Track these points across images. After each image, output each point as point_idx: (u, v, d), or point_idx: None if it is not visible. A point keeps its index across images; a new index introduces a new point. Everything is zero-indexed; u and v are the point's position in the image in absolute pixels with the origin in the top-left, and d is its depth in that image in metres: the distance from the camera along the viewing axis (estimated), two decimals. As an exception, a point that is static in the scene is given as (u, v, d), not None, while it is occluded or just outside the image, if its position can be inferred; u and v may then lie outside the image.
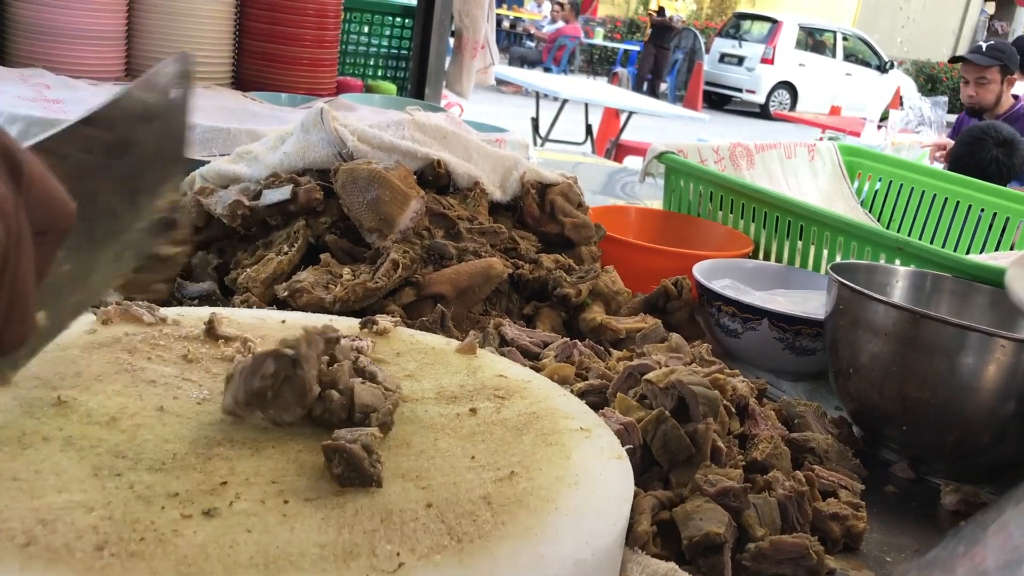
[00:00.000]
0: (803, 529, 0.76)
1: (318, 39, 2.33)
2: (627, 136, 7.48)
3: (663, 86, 16.57)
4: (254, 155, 1.26)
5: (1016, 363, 0.87)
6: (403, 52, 2.80)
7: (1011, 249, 1.56)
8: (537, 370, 0.92)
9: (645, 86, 15.12)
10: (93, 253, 0.61)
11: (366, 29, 2.73)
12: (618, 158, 6.70)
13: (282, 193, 1.09)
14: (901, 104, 6.99)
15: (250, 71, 2.32)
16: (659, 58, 16.00)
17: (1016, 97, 4.42)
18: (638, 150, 6.64)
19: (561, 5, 17.44)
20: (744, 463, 0.80)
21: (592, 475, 0.66)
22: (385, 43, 2.77)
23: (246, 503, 0.56)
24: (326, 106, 1.21)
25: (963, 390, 0.90)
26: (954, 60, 4.70)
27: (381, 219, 1.08)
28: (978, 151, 3.50)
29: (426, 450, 0.67)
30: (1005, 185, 3.42)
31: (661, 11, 16.22)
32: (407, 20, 2.76)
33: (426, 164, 1.20)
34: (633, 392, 0.84)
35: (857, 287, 0.97)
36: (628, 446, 0.74)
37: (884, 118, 6.17)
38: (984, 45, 4.39)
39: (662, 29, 15.97)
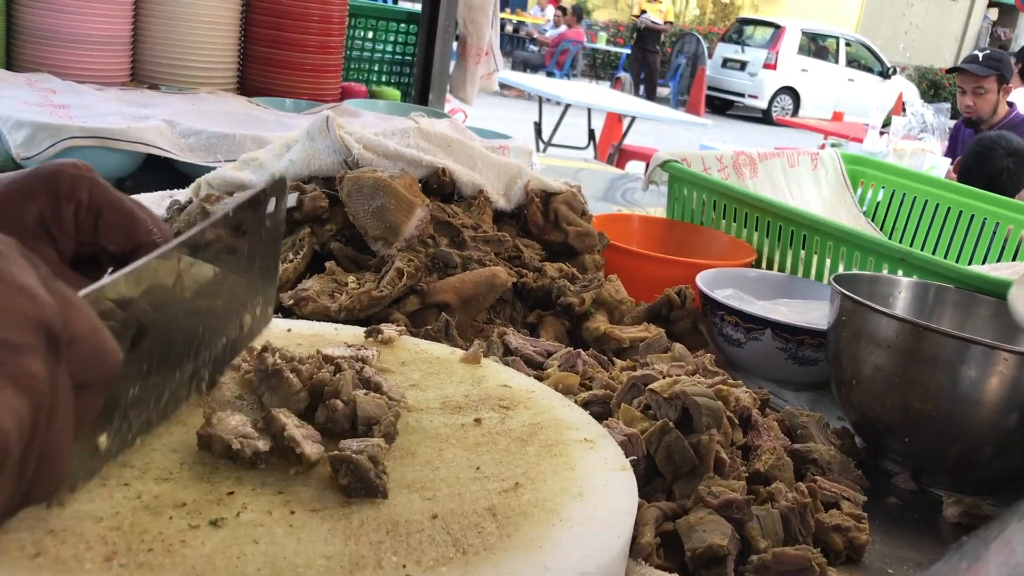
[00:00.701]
0: (806, 541, 0.76)
1: (322, 45, 2.34)
2: (630, 141, 7.49)
3: (666, 91, 16.59)
4: (260, 162, 1.27)
5: (1018, 376, 0.87)
6: (407, 58, 2.80)
7: (1014, 259, 1.56)
8: (541, 379, 0.92)
9: (641, 89, 15.12)
10: (167, 375, 0.61)
11: (370, 35, 2.74)
12: (620, 163, 6.71)
13: (289, 200, 1.09)
14: (904, 110, 7.00)
15: (254, 76, 2.33)
16: (648, 61, 15.98)
17: (1011, 104, 4.43)
18: (640, 155, 6.65)
19: (563, 10, 17.46)
20: (747, 474, 0.80)
21: (596, 487, 0.66)
22: (389, 49, 2.78)
23: (253, 513, 0.56)
24: (331, 114, 1.22)
25: (965, 402, 0.90)
26: (951, 71, 4.71)
27: (386, 227, 1.09)
28: (988, 161, 3.51)
29: (431, 460, 0.67)
30: (1014, 195, 3.43)
31: (642, 14, 16.22)
32: (411, 26, 2.77)
33: (431, 172, 1.20)
34: (637, 402, 0.84)
35: (860, 299, 0.97)
36: (632, 457, 0.74)
37: (887, 124, 6.17)
38: (980, 55, 4.40)
39: (646, 32, 15.96)
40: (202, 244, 0.60)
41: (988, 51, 4.45)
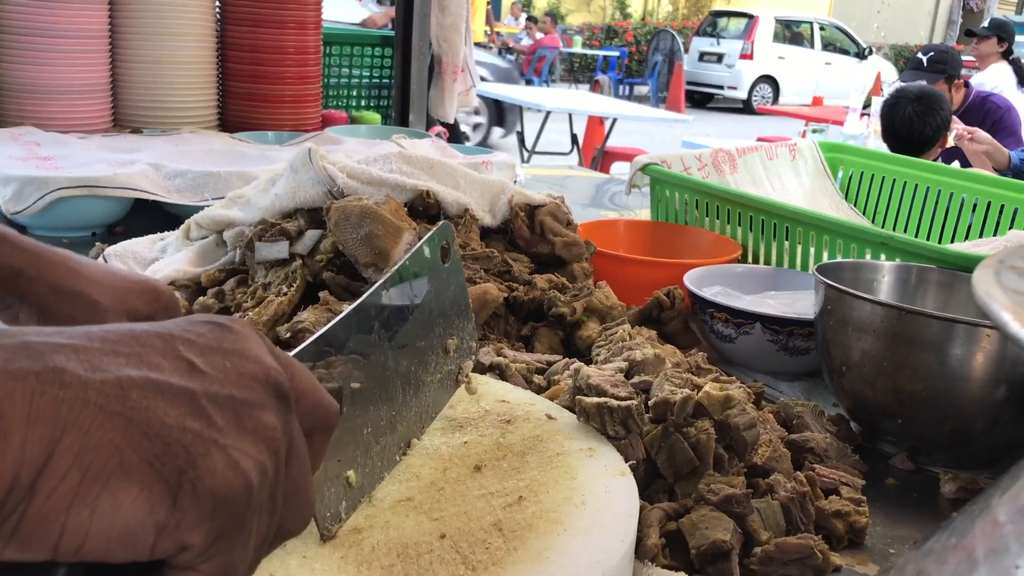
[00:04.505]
0: (807, 529, 0.78)
1: (300, 76, 2.36)
2: (613, 142, 7.52)
3: (644, 89, 16.64)
4: (246, 199, 1.29)
5: (1003, 350, 0.89)
6: (385, 81, 2.83)
7: (995, 235, 1.58)
8: (539, 391, 0.94)
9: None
10: (396, 413, 0.70)
11: (347, 61, 2.76)
12: (605, 165, 6.74)
13: (279, 250, 1.12)
14: (883, 90, 7.03)
15: (235, 112, 2.35)
16: None
17: (967, 85, 4.48)
18: (625, 156, 6.68)
19: (534, 20, 17.53)
20: (745, 469, 0.82)
21: (598, 494, 0.68)
22: (367, 74, 2.81)
23: (267, 548, 0.58)
24: (313, 145, 1.24)
25: (954, 380, 0.92)
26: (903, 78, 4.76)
27: (376, 253, 1.10)
28: (896, 116, 3.56)
29: (436, 481, 0.69)
30: (938, 139, 3.48)
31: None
32: (386, 49, 2.80)
33: (415, 195, 1.22)
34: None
35: (842, 287, 1.00)
36: (631, 461, 0.76)
37: (867, 105, 6.20)
38: (924, 58, 4.44)
39: None
40: (374, 302, 0.68)
41: (932, 52, 4.49)
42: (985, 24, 5.86)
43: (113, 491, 0.36)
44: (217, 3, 2.31)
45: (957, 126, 3.57)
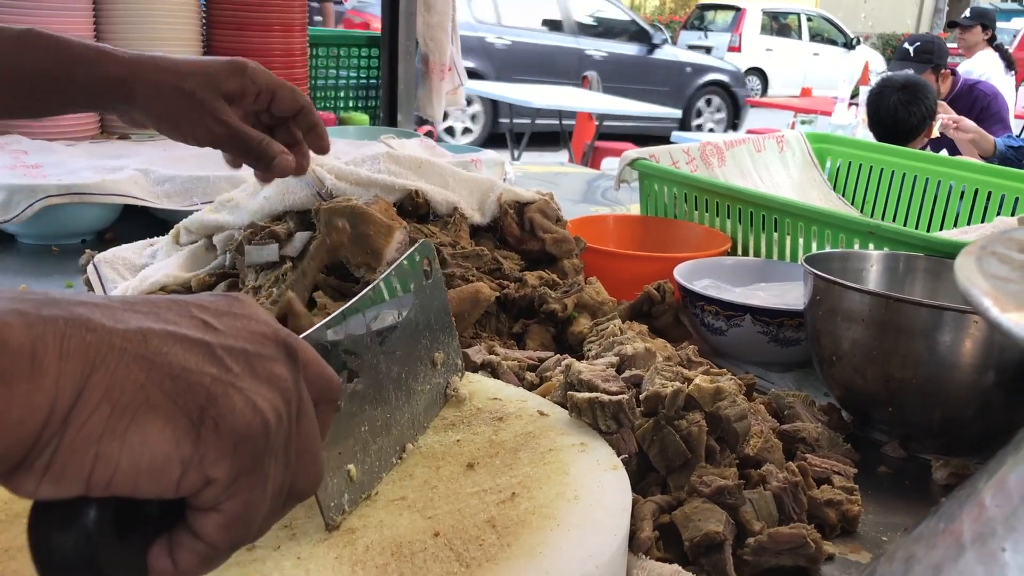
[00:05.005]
0: (800, 518, 0.78)
1: (287, 78, 2.32)
2: (603, 138, 7.51)
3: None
4: (235, 203, 1.29)
5: (990, 337, 0.90)
6: (372, 82, 2.83)
7: (982, 222, 1.59)
8: (531, 387, 0.95)
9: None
10: (391, 415, 0.72)
11: (334, 63, 2.76)
12: (595, 160, 6.74)
13: (269, 253, 1.12)
14: (871, 80, 7.05)
15: (223, 115, 2.34)
16: None
17: (954, 73, 4.49)
18: (615, 151, 6.68)
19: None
20: (737, 460, 0.83)
21: (591, 488, 0.68)
22: (354, 74, 2.80)
23: (262, 550, 0.58)
24: (301, 148, 1.24)
25: (943, 367, 0.92)
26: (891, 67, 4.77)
27: (368, 253, 1.11)
28: (882, 105, 3.57)
29: (429, 479, 0.69)
30: (924, 127, 3.50)
31: None
32: (373, 50, 2.79)
33: (404, 195, 1.22)
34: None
35: (831, 277, 1.00)
36: (623, 455, 0.77)
37: (855, 95, 6.21)
38: (911, 48, 4.45)
39: None
40: (365, 305, 0.70)
41: (918, 42, 4.50)
42: (967, 14, 5.87)
43: (141, 424, 0.38)
44: (202, 8, 2.31)
45: (943, 115, 3.59)
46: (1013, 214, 1.54)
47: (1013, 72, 5.62)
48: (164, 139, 2.10)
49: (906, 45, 4.56)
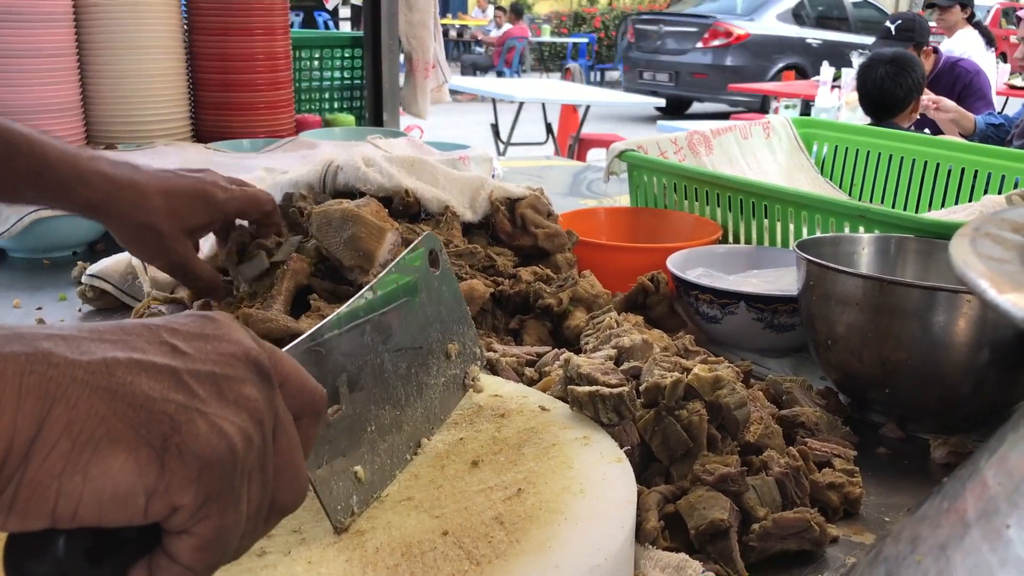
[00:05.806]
0: (803, 503, 0.79)
1: (272, 82, 2.35)
2: (587, 129, 7.52)
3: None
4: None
5: (983, 315, 0.90)
6: (356, 82, 2.82)
7: (970, 200, 1.60)
8: (531, 383, 0.95)
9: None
10: (401, 412, 0.73)
11: (317, 64, 2.75)
12: (581, 152, 6.75)
13: (259, 265, 1.12)
14: (852, 63, 7.07)
15: (208, 122, 2.34)
16: None
17: (936, 52, 4.51)
18: (600, 142, 6.69)
19: (503, 10, 17.49)
20: (739, 447, 0.83)
21: (596, 481, 0.69)
22: (338, 75, 2.80)
23: (272, 555, 0.59)
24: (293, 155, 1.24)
25: (938, 347, 0.93)
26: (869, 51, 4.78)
27: (360, 255, 1.11)
28: (870, 78, 3.59)
29: (435, 479, 0.70)
30: (912, 100, 3.52)
31: None
32: (356, 50, 2.79)
33: (395, 195, 1.22)
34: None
35: (823, 262, 1.01)
36: (626, 447, 0.77)
37: (837, 78, 6.23)
38: (892, 27, 4.47)
39: None
40: (365, 305, 0.71)
41: (899, 20, 4.52)
42: None
43: (102, 456, 0.39)
44: (184, 14, 2.30)
45: (924, 96, 3.61)
46: (1000, 192, 1.55)
47: (993, 48, 5.64)
48: (151, 147, 2.10)
49: (887, 23, 4.57)
